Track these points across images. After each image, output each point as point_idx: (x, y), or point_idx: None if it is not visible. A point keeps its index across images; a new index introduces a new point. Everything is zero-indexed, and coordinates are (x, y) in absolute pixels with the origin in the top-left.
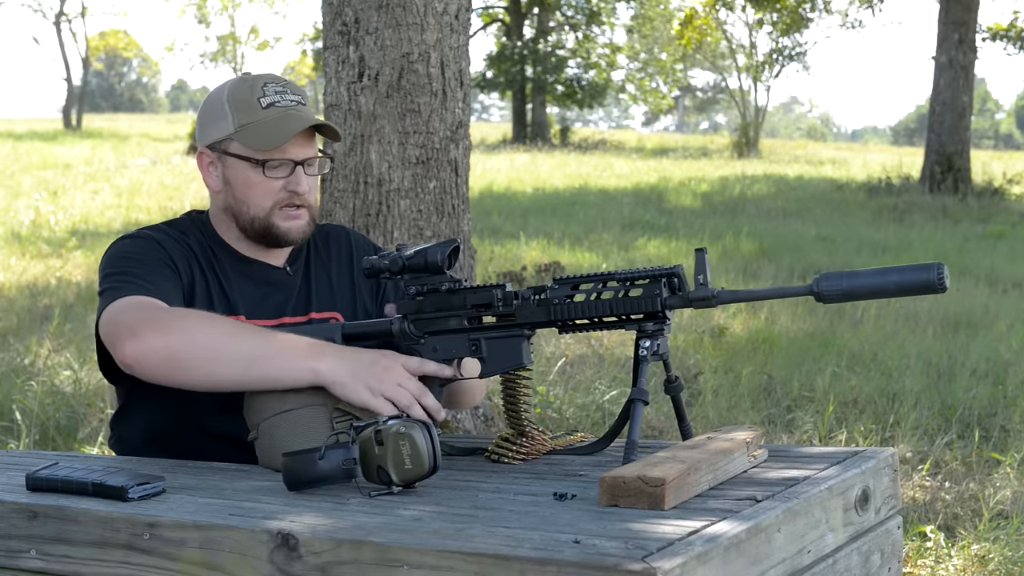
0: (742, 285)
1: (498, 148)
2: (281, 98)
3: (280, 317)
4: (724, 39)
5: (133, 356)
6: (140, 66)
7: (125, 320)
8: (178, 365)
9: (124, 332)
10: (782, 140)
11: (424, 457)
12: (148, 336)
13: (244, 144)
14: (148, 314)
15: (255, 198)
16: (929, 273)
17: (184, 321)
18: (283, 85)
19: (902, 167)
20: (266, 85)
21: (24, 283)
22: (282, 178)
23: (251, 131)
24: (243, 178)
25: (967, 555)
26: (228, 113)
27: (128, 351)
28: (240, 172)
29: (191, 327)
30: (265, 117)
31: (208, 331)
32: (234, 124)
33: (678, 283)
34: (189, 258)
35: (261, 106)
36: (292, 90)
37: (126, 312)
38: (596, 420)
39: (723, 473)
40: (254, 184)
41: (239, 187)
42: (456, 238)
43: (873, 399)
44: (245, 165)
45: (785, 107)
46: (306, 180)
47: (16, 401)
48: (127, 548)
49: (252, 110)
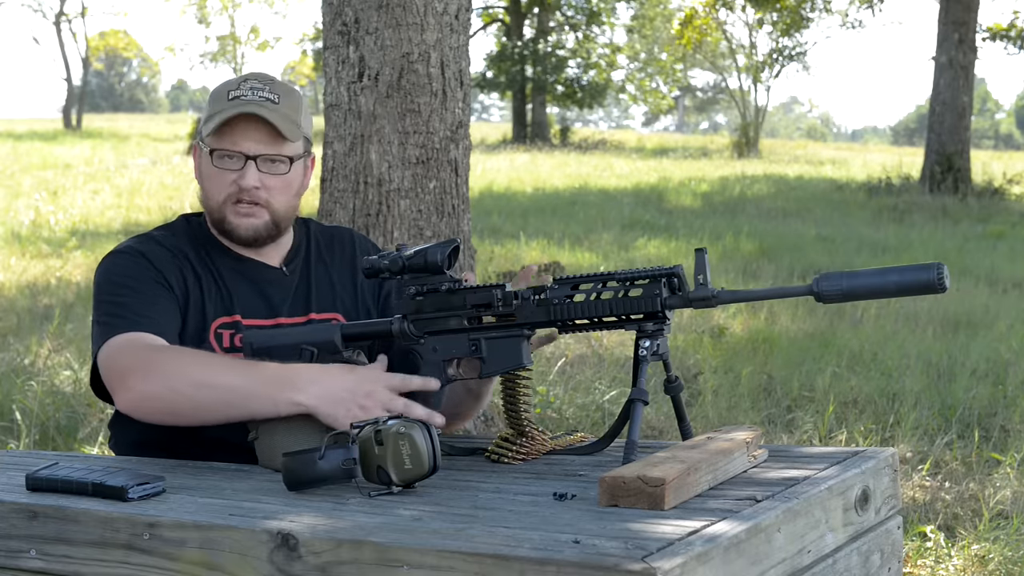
0: (742, 285)
1: (498, 148)
2: (252, 93)
3: (276, 317)
4: (724, 39)
5: (127, 407)
6: (140, 66)
7: (118, 367)
8: (168, 410)
9: (117, 381)
10: (782, 140)
11: (424, 457)
12: (138, 385)
13: (205, 134)
14: (137, 359)
15: (209, 189)
16: (929, 273)
17: (169, 365)
18: (265, 83)
19: (902, 167)
20: (246, 81)
21: (24, 283)
22: (232, 170)
23: (209, 121)
24: (206, 171)
25: (967, 555)
26: (207, 107)
27: (122, 402)
28: (203, 163)
29: (176, 371)
30: (225, 108)
31: (193, 374)
32: (206, 116)
33: (678, 283)
34: (182, 265)
35: (227, 98)
36: (272, 89)
37: (118, 357)
38: (596, 420)
39: (723, 473)
40: (207, 175)
41: (202, 178)
42: (456, 238)
43: (873, 399)
44: (205, 156)
45: (785, 107)
46: (256, 177)
47: (16, 401)
48: (127, 548)
49: (220, 102)
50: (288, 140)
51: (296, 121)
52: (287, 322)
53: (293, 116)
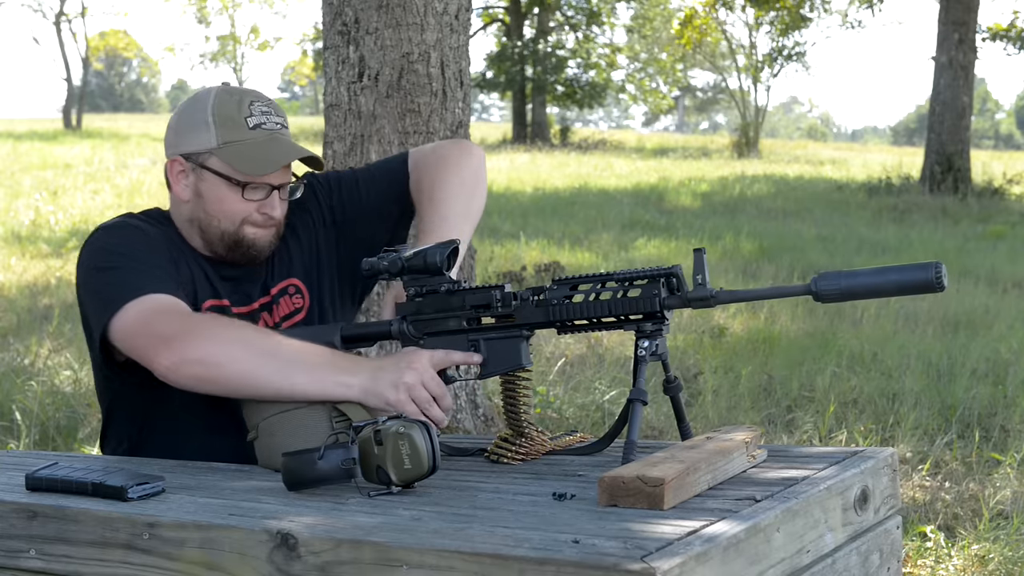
0: (742, 285)
1: (498, 148)
2: (267, 120)
3: (251, 303)
4: (724, 39)
5: (168, 366)
6: (140, 66)
7: (158, 328)
8: (212, 376)
9: (158, 342)
10: (782, 140)
11: (423, 457)
12: (182, 348)
13: (226, 162)
14: (179, 322)
15: (227, 215)
16: (927, 272)
17: (217, 330)
18: (267, 105)
19: (902, 167)
20: (252, 104)
21: (24, 283)
22: (258, 200)
23: (235, 151)
24: (218, 195)
25: (967, 555)
26: (212, 127)
27: (164, 362)
28: (216, 189)
29: (225, 337)
30: (251, 139)
31: (242, 342)
32: (217, 140)
33: (676, 283)
34: (168, 244)
35: (248, 126)
36: (276, 111)
37: (156, 318)
38: (596, 420)
39: (722, 473)
40: (228, 202)
41: (212, 203)
42: (455, 239)
43: (873, 399)
44: (222, 183)
45: (785, 107)
46: (279, 204)
47: (16, 401)
48: (127, 548)
49: (238, 129)
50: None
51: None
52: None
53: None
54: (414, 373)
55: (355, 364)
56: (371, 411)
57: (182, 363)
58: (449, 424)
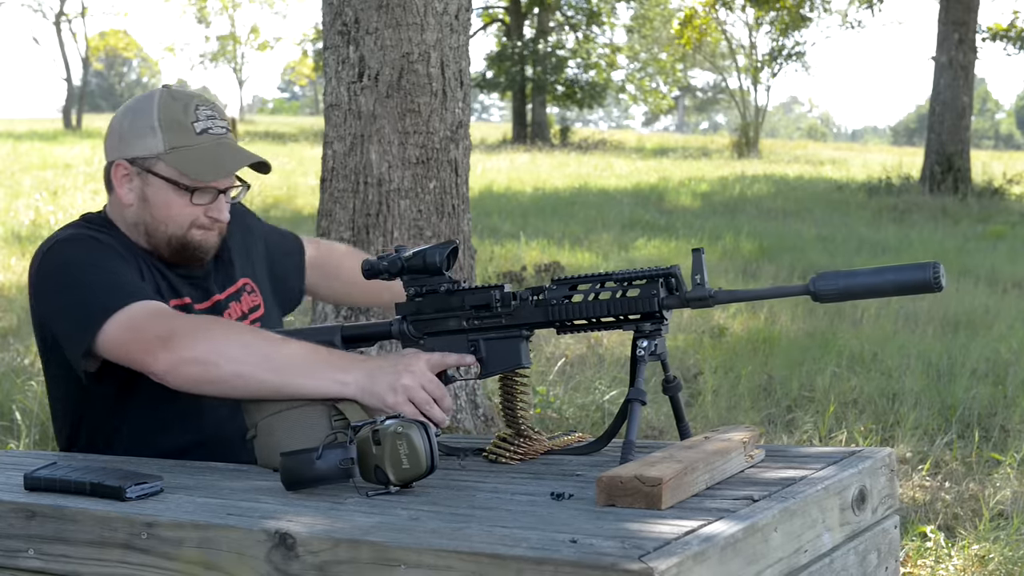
0: (742, 285)
1: (498, 148)
2: (212, 124)
3: (211, 297)
4: (724, 39)
5: (166, 368)
6: (140, 66)
7: (152, 332)
8: (210, 376)
9: (154, 345)
10: (782, 140)
11: (421, 457)
12: (179, 349)
13: (174, 168)
14: (172, 323)
15: (174, 219)
16: (925, 272)
17: (214, 330)
18: (212, 109)
19: (902, 167)
20: (198, 108)
21: (24, 283)
22: (205, 204)
23: (184, 157)
24: (165, 199)
25: (967, 555)
26: (158, 132)
27: (161, 364)
28: (162, 194)
29: (221, 337)
30: (199, 144)
31: (238, 341)
32: (164, 144)
33: (675, 283)
34: (122, 249)
35: (195, 131)
36: (220, 115)
37: (147, 323)
38: (596, 420)
39: (720, 473)
40: (176, 207)
41: (159, 207)
42: (455, 239)
43: (873, 399)
44: (169, 188)
45: (785, 107)
46: (226, 207)
47: (16, 401)
48: (125, 548)
49: (185, 134)
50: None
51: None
52: (221, 297)
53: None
54: (411, 376)
55: (352, 363)
56: (369, 411)
57: (180, 363)
58: (449, 424)
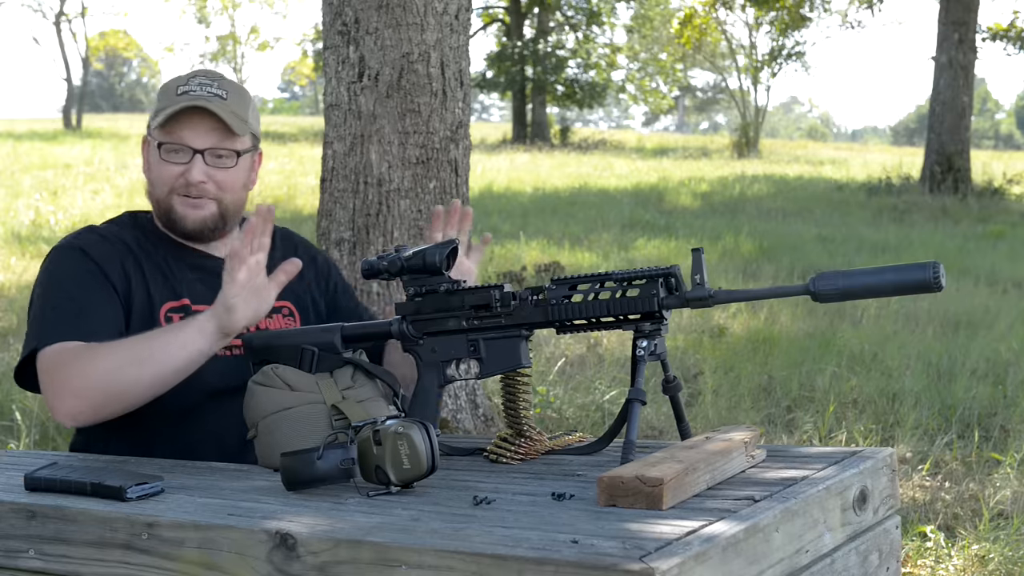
0: (742, 285)
1: (498, 148)
2: (200, 89)
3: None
4: (724, 39)
5: (64, 419)
6: (140, 66)
7: (49, 382)
8: (94, 402)
9: (51, 396)
10: (782, 140)
11: (422, 457)
12: (59, 394)
13: (153, 127)
14: (61, 373)
15: (155, 181)
16: (925, 272)
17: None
18: (213, 79)
19: (902, 167)
20: (195, 77)
21: (24, 283)
22: (179, 164)
23: (158, 116)
24: (150, 161)
25: (967, 555)
26: (157, 101)
27: (59, 416)
28: (150, 155)
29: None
30: (171, 103)
31: (105, 363)
32: (154, 110)
33: (675, 283)
34: (123, 256)
35: (176, 93)
36: (221, 85)
37: (50, 371)
38: (596, 420)
39: (721, 473)
40: (154, 167)
41: (149, 169)
42: (455, 239)
43: (873, 399)
44: (153, 148)
45: (785, 107)
46: (202, 171)
47: (16, 401)
48: (125, 548)
49: (168, 96)
50: (235, 135)
51: (243, 117)
52: None
53: (240, 112)
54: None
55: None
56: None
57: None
58: (449, 424)
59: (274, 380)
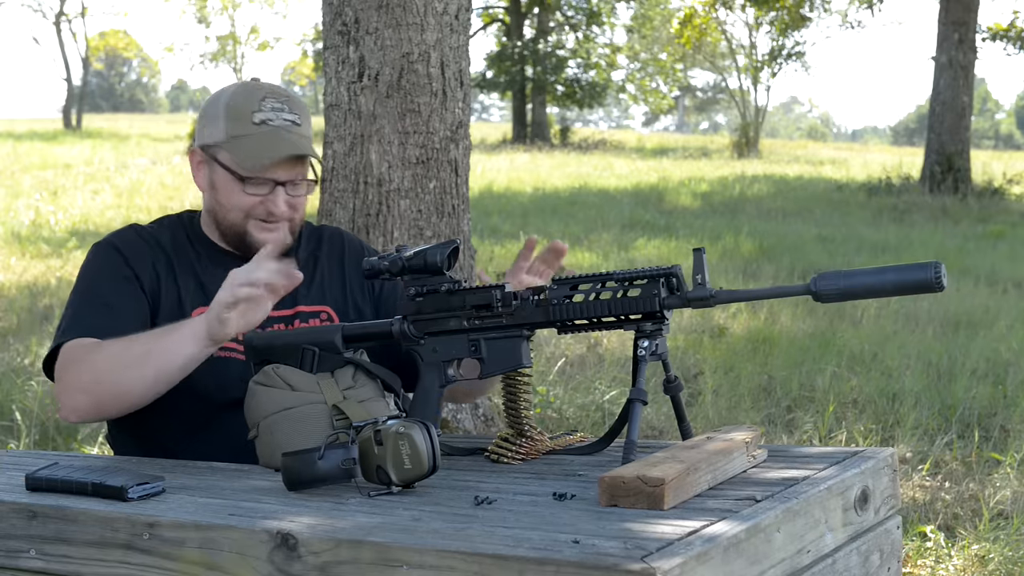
0: (742, 285)
1: (498, 148)
2: (276, 116)
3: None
4: (724, 39)
5: (69, 414)
6: (140, 66)
7: (62, 376)
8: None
9: (60, 390)
10: (782, 140)
11: (423, 457)
12: (74, 393)
13: (231, 156)
14: (73, 368)
15: (234, 208)
16: (926, 272)
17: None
18: (283, 101)
19: (902, 167)
20: (265, 99)
21: (24, 283)
22: (261, 196)
23: (238, 146)
24: (226, 187)
25: (967, 555)
26: (223, 120)
27: (64, 411)
28: (224, 181)
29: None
30: (255, 133)
31: (111, 362)
32: (226, 133)
33: (676, 283)
34: (156, 256)
35: (253, 121)
36: (291, 107)
37: (65, 365)
38: (596, 420)
39: (722, 473)
40: (234, 195)
41: (222, 194)
42: (456, 239)
43: (873, 399)
44: (228, 176)
45: (785, 107)
46: (284, 200)
47: (16, 401)
48: (126, 548)
49: (243, 123)
50: (309, 162)
51: (310, 137)
52: (274, 315)
53: (309, 134)
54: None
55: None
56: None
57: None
58: (450, 424)
59: (275, 380)
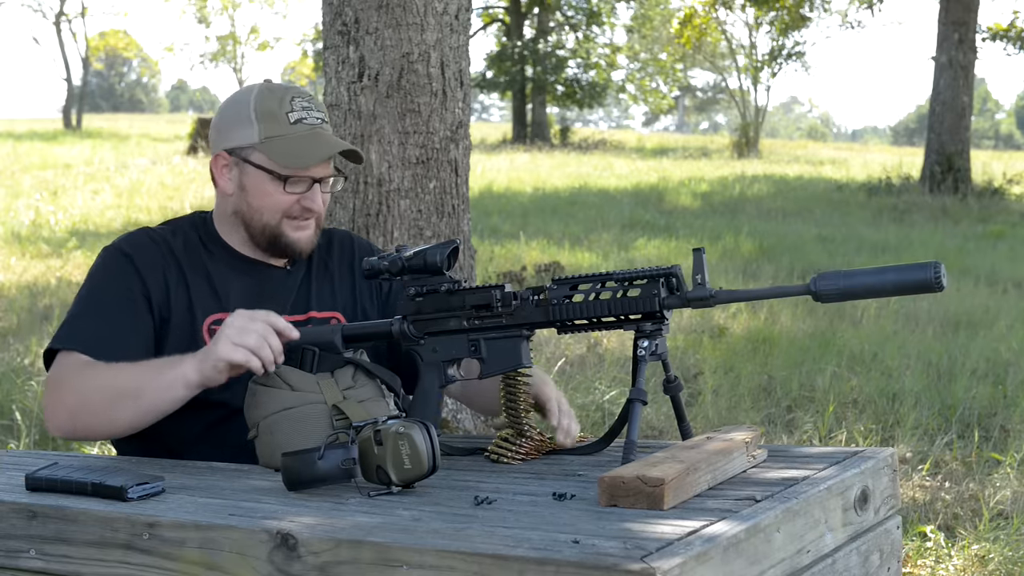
0: (742, 285)
1: (498, 148)
2: (308, 115)
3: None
4: (724, 39)
5: (52, 430)
6: (140, 66)
7: (50, 391)
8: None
9: (47, 404)
10: (782, 140)
11: (423, 457)
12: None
13: (268, 156)
14: (62, 387)
15: (269, 208)
16: (926, 272)
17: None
18: (308, 101)
19: (902, 167)
20: (293, 99)
21: (24, 283)
22: (299, 193)
23: (277, 146)
24: (260, 188)
25: (967, 555)
26: (254, 122)
27: (48, 425)
28: (258, 182)
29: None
30: (293, 133)
31: (101, 394)
32: (259, 134)
33: (676, 283)
34: (167, 264)
35: (289, 121)
36: (316, 107)
37: (55, 379)
38: (596, 420)
39: (722, 473)
40: (270, 195)
41: (255, 195)
42: (456, 239)
43: (873, 399)
44: (265, 176)
45: (785, 107)
46: (320, 196)
47: (16, 401)
48: (126, 548)
49: (279, 123)
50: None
51: None
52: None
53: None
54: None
55: (183, 355)
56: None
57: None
58: (449, 424)
59: (275, 380)
